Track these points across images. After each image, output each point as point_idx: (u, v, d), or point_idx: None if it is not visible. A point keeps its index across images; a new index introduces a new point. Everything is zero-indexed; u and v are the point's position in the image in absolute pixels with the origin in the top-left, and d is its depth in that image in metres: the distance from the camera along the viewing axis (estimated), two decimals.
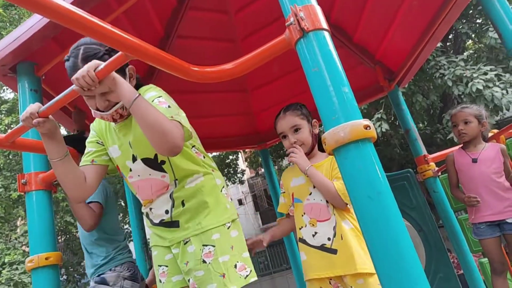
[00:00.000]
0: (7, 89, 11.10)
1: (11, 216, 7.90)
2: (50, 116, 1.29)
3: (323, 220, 1.69)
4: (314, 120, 1.84)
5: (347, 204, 1.63)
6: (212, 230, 1.39)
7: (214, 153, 14.51)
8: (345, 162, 1.00)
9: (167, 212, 1.43)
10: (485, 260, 2.73)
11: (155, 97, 1.38)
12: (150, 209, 1.46)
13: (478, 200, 2.24)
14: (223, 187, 1.52)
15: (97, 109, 1.32)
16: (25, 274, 7.00)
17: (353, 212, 1.67)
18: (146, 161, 1.39)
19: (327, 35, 1.11)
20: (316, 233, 1.70)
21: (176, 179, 1.42)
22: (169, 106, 1.34)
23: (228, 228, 1.43)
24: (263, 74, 3.52)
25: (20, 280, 6.87)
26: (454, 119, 2.42)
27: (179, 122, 1.28)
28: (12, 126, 8.04)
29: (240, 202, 18.11)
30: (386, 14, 2.78)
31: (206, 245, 1.37)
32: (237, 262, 1.38)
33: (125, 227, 11.44)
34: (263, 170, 15.77)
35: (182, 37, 3.09)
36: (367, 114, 7.15)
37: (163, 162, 1.40)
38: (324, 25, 1.11)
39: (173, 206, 1.42)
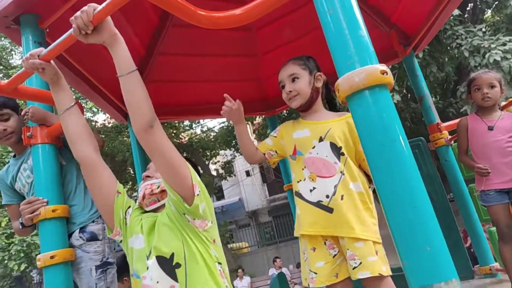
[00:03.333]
0: (15, 54, 11.08)
1: None
2: (52, 62, 1.27)
3: (324, 176, 1.62)
4: (319, 73, 1.75)
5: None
6: None
7: (223, 124, 14.52)
8: (359, 109, 0.95)
9: None
10: (494, 229, 2.70)
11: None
12: None
13: (489, 172, 2.19)
14: None
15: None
16: (37, 236, 7.18)
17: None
18: (160, 260, 1.19)
19: None
20: (314, 188, 1.63)
21: None
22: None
23: None
24: (274, 37, 3.42)
25: (32, 242, 7.08)
26: (478, 82, 2.32)
27: (188, 168, 1.22)
28: None
29: (248, 173, 18.24)
30: None
31: None
32: None
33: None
34: None
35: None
36: None
37: (178, 265, 1.18)
38: None
39: None
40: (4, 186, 1.92)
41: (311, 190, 1.64)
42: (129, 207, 1.36)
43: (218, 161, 14.93)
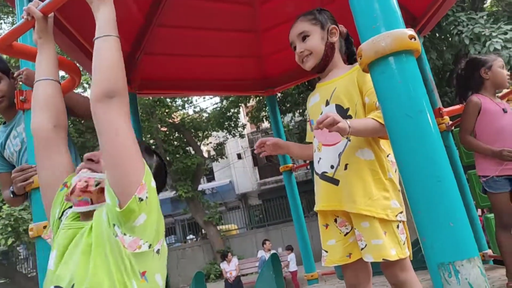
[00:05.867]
0: (5, 23, 10.73)
1: None
2: (50, 23, 1.20)
3: (328, 145, 1.45)
4: (333, 26, 1.52)
5: None
6: None
7: (216, 105, 14.40)
8: (382, 76, 0.89)
9: None
10: (490, 216, 2.70)
11: None
12: None
13: None
14: None
15: None
16: (25, 211, 7.11)
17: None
18: None
19: None
20: (320, 159, 1.48)
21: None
22: None
23: None
24: (277, 14, 3.32)
25: (20, 216, 7.00)
26: (502, 62, 2.29)
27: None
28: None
29: (239, 156, 18.21)
30: None
31: None
32: None
33: None
34: (263, 125, 15.77)
35: None
36: None
37: None
38: None
39: None
40: None
41: (318, 161, 1.50)
42: (71, 207, 1.03)
43: (210, 143, 14.86)
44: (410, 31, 0.88)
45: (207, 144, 15.09)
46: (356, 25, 0.96)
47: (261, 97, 11.77)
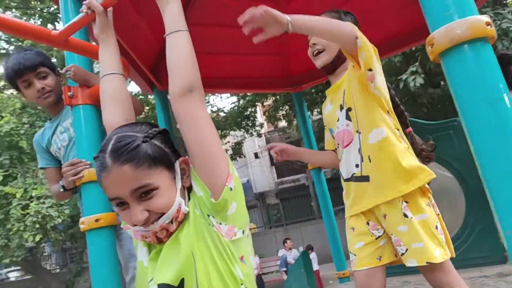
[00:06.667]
0: None
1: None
2: (109, 16, 1.21)
3: (347, 145, 1.44)
4: None
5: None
6: None
7: (233, 104, 14.43)
8: (458, 65, 0.87)
9: None
10: None
11: None
12: None
13: None
14: None
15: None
16: (52, 208, 7.25)
17: (390, 109, 1.42)
18: None
19: None
20: (346, 163, 1.48)
21: None
22: None
23: None
24: (302, 12, 3.28)
25: (47, 213, 7.15)
26: None
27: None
28: None
29: (256, 155, 18.21)
30: None
31: None
32: None
33: None
34: (280, 124, 15.69)
35: None
36: (400, 68, 6.84)
37: None
38: None
39: None
40: (41, 150, 1.89)
41: (344, 166, 1.49)
42: None
43: (228, 142, 14.90)
44: (486, 18, 0.85)
45: (225, 144, 15.13)
46: (424, 13, 0.94)
47: (277, 96, 11.73)
